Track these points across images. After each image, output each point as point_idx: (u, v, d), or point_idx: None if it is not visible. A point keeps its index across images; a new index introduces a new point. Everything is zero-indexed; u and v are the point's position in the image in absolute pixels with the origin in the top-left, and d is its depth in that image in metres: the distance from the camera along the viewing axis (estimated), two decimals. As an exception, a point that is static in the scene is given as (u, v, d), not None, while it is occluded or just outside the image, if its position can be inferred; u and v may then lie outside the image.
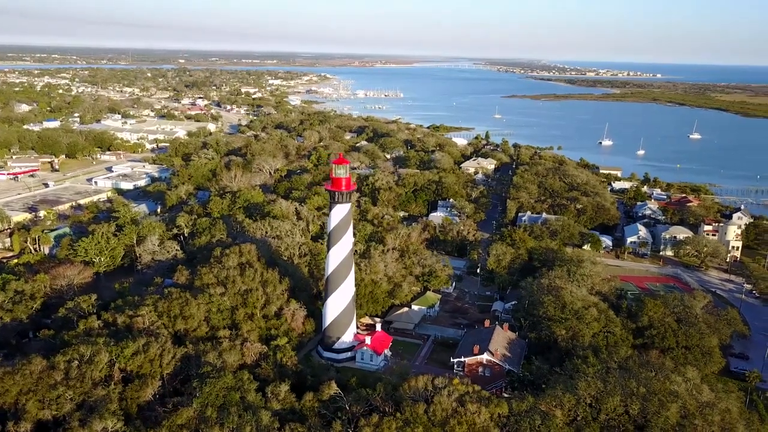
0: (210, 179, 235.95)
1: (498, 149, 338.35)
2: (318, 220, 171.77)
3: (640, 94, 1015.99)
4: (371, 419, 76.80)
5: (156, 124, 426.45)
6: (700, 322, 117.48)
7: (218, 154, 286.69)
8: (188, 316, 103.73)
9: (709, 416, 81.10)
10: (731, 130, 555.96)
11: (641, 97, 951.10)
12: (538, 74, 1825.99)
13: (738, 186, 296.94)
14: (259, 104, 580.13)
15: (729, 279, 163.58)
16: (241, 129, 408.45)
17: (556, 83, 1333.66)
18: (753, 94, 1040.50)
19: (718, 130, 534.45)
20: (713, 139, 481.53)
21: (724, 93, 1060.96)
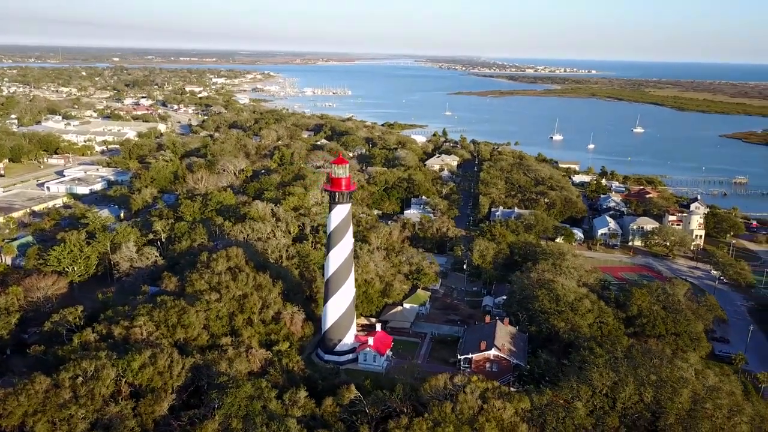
0: (172, 182, 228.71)
1: (457, 146, 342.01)
2: (295, 221, 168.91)
3: (580, 89, 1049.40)
4: (400, 421, 76.13)
5: (102, 126, 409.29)
6: (685, 308, 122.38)
7: (176, 156, 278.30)
8: (187, 325, 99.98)
9: (717, 399, 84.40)
10: (670, 123, 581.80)
11: (581, 92, 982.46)
12: (479, 71, 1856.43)
13: (686, 177, 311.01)
14: (207, 103, 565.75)
15: (696, 266, 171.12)
16: (194, 129, 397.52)
17: (498, 80, 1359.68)
18: (683, 89, 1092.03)
19: (658, 123, 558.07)
20: (655, 132, 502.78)
21: (657, 88, 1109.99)
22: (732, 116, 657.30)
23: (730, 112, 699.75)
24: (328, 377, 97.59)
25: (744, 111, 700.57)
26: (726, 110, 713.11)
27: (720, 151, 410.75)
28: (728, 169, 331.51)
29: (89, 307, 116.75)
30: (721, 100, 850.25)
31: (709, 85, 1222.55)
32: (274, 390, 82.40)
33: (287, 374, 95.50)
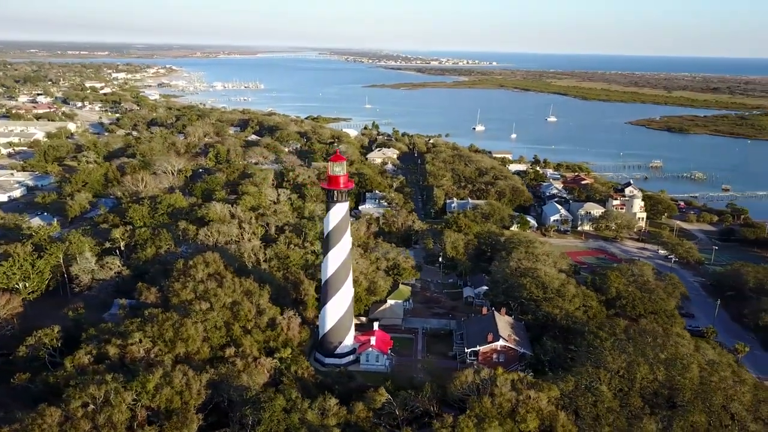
0: (105, 185, 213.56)
1: (392, 139, 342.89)
2: (256, 221, 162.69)
3: (487, 80, 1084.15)
4: (446, 420, 75.20)
5: (2, 126, 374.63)
6: (656, 288, 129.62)
7: (99, 157, 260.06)
8: (187, 338, 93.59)
9: (720, 372, 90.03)
10: (577, 112, 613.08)
11: (489, 83, 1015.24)
12: (386, 64, 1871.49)
13: (608, 162, 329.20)
14: (114, 100, 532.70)
15: (644, 247, 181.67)
16: (108, 128, 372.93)
17: (407, 72, 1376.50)
18: (581, 79, 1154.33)
19: (567, 112, 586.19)
20: (568, 121, 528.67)
21: (557, 78, 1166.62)
22: (629, 104, 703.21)
23: (627, 100, 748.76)
24: (342, 381, 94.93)
25: (639, 99, 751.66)
26: (623, 99, 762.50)
27: (629, 138, 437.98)
28: (642, 154, 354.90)
29: (49, 325, 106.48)
30: (617, 89, 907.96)
31: (602, 75, 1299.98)
32: (306, 400, 78.96)
33: (300, 382, 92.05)
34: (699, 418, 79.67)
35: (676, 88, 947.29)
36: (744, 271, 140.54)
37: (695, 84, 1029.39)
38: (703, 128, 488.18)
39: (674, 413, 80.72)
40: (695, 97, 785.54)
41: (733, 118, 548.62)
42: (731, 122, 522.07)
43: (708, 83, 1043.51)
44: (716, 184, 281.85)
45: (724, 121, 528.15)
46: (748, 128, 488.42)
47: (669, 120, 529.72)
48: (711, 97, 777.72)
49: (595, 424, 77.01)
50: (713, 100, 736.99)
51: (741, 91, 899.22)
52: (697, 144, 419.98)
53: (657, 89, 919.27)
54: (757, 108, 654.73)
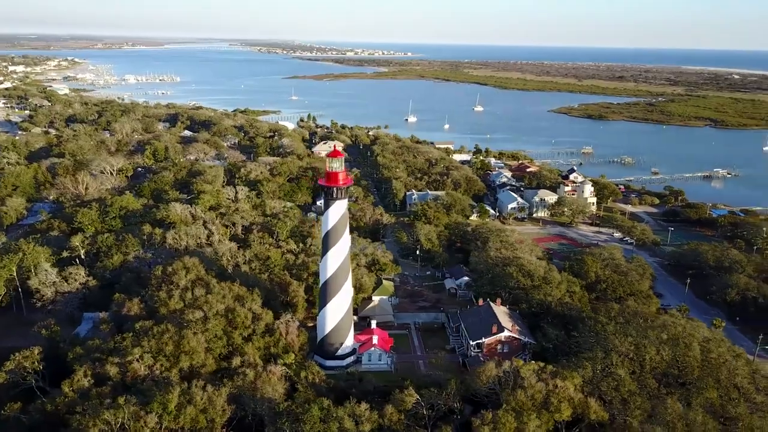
0: (37, 188, 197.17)
1: (331, 132, 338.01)
2: (217, 221, 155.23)
3: (407, 71, 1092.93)
4: (485, 417, 74.37)
5: None
6: (630, 270, 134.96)
7: (21, 157, 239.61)
8: (191, 351, 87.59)
9: (718, 348, 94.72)
10: (501, 101, 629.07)
11: (410, 74, 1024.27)
12: (301, 55, 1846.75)
13: (541, 150, 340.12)
14: (20, 95, 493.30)
15: (599, 231, 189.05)
16: (22, 125, 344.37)
17: (325, 63, 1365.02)
18: (495, 69, 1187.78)
19: (492, 102, 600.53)
20: (493, 110, 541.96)
21: (474, 68, 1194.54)
22: (546, 93, 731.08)
23: (544, 89, 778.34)
24: (355, 384, 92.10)
25: (555, 88, 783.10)
26: (540, 87, 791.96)
27: (554, 125, 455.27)
28: (572, 141, 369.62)
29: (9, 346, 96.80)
30: (532, 78, 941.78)
31: (515, 65, 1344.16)
32: (339, 408, 75.76)
33: (313, 388, 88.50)
34: (712, 394, 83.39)
35: (585, 76, 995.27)
36: (702, 250, 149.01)
37: (602, 73, 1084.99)
38: (619, 115, 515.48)
39: (690, 391, 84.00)
40: (604, 85, 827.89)
41: (643, 105, 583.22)
42: (642, 109, 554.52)
43: (613, 72, 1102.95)
44: (645, 167, 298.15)
45: (636, 108, 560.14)
46: (658, 114, 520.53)
47: (587, 107, 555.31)
48: (619, 85, 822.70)
49: (624, 409, 78.77)
50: (621, 88, 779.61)
51: (643, 79, 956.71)
52: (617, 130, 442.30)
53: (568, 78, 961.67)
54: (661, 95, 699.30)
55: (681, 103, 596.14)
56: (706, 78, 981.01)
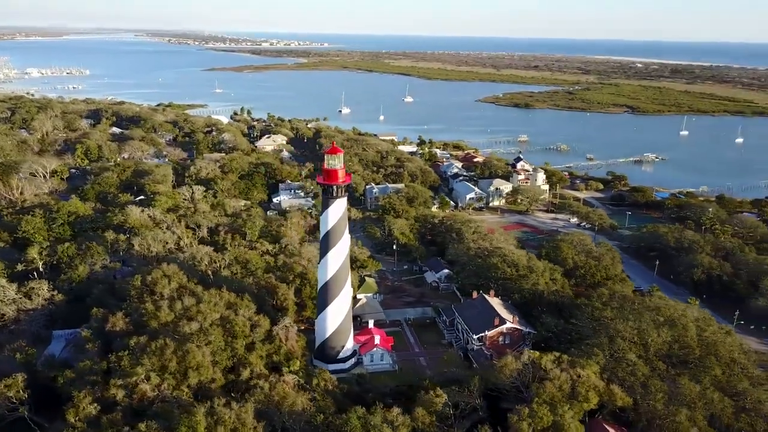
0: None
1: (270, 125, 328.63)
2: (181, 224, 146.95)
3: (328, 62, 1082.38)
4: (522, 412, 73.99)
5: None
6: (603, 255, 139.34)
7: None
8: (199, 366, 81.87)
9: (709, 326, 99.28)
10: (429, 91, 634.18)
11: (332, 64, 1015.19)
12: (215, 46, 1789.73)
13: (479, 139, 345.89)
14: None
15: (555, 218, 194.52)
16: None
17: (243, 54, 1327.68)
18: (414, 59, 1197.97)
19: (420, 92, 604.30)
20: (423, 100, 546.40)
21: (394, 59, 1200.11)
22: (470, 83, 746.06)
23: (466, 79, 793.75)
24: (368, 387, 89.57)
25: (477, 78, 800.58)
26: (462, 77, 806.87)
27: (484, 114, 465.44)
28: (507, 130, 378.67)
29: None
30: (453, 68, 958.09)
31: (433, 55, 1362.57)
32: (374, 414, 73.09)
33: (329, 395, 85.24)
34: (717, 371, 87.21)
35: (502, 66, 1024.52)
36: (662, 233, 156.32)
37: (518, 63, 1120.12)
38: (543, 103, 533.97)
39: (696, 371, 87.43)
40: (523, 74, 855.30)
41: (563, 93, 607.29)
42: (563, 97, 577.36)
43: (528, 62, 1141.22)
44: (580, 154, 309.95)
45: (557, 96, 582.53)
46: (579, 102, 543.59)
47: (512, 96, 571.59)
48: (536, 74, 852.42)
49: (646, 393, 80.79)
50: (539, 77, 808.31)
51: (556, 68, 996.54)
52: (544, 118, 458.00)
53: (487, 68, 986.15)
54: (576, 83, 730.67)
55: (596, 91, 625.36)
56: (613, 67, 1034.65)
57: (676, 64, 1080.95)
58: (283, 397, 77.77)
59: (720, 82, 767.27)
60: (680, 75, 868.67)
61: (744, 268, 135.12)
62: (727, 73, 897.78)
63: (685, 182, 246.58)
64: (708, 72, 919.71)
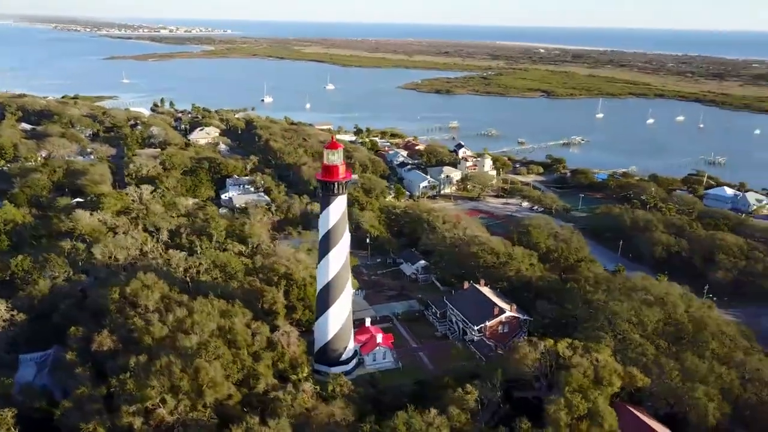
0: None
1: (198, 117, 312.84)
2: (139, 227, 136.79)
3: (237, 49, 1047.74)
4: (559, 402, 74.21)
5: None
6: (570, 237, 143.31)
7: None
8: (214, 383, 76.02)
9: (691, 302, 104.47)
10: (348, 79, 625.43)
11: (241, 52, 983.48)
12: (110, 33, 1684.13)
13: (410, 126, 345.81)
14: None
15: (507, 203, 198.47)
16: None
17: (141, 42, 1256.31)
18: (325, 46, 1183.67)
19: (339, 80, 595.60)
20: (344, 88, 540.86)
21: (304, 46, 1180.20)
22: (385, 69, 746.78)
23: (381, 65, 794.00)
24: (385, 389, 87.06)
25: (391, 64, 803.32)
26: (377, 64, 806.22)
27: (408, 101, 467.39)
28: (436, 116, 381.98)
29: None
30: (366, 55, 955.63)
31: (345, 42, 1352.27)
32: (415, 417, 70.83)
33: (348, 400, 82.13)
34: (714, 345, 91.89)
35: (413, 52, 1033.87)
36: (616, 213, 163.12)
37: (428, 49, 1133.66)
38: (462, 89, 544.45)
39: (695, 346, 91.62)
40: (436, 60, 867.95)
41: (479, 79, 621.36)
42: (480, 82, 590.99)
43: (438, 48, 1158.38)
44: (511, 138, 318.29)
45: (473, 82, 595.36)
46: (496, 87, 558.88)
47: (432, 83, 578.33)
48: (449, 60, 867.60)
49: (661, 372, 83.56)
50: (452, 63, 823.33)
51: (466, 54, 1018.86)
52: (467, 103, 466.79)
53: (399, 54, 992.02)
54: (488, 69, 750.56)
55: (509, 76, 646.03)
56: (520, 52, 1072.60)
57: (577, 50, 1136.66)
58: (313, 407, 74.12)
59: (618, 66, 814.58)
60: (581, 60, 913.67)
61: (697, 244, 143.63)
62: (623, 58, 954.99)
63: (614, 163, 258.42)
64: (605, 57, 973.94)
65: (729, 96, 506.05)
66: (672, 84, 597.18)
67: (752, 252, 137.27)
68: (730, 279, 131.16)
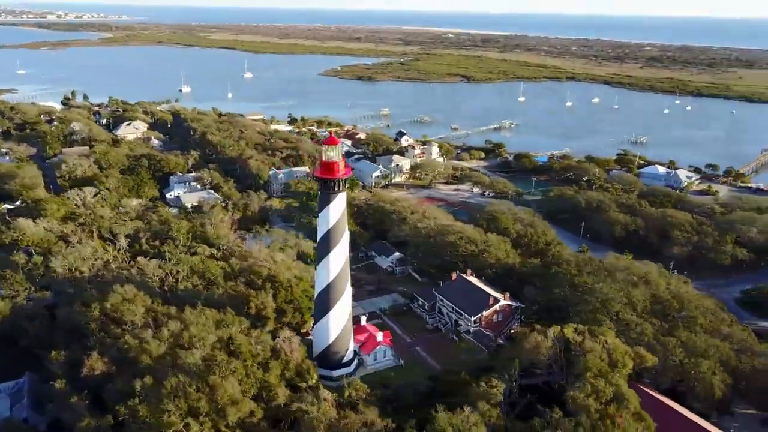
0: None
1: (118, 111, 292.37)
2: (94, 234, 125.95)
3: (138, 36, 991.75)
4: (584, 388, 75.10)
5: None
6: (533, 221, 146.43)
7: None
8: (235, 401, 71.02)
9: (671, 281, 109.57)
10: (266, 66, 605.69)
11: (144, 39, 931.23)
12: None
13: (342, 114, 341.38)
14: None
15: (458, 189, 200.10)
16: None
17: (25, 28, 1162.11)
18: (233, 33, 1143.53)
19: (256, 67, 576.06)
20: (264, 76, 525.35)
21: (210, 32, 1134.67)
22: (300, 56, 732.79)
23: (293, 51, 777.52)
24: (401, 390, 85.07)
25: (306, 50, 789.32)
26: (291, 50, 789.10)
27: (332, 88, 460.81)
28: (367, 104, 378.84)
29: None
30: (276, 41, 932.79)
31: (247, 27, 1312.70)
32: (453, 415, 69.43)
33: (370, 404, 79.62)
34: (701, 320, 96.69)
35: (325, 38, 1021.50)
36: (569, 195, 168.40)
37: (339, 35, 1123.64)
38: (384, 75, 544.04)
39: (687, 322, 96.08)
40: (349, 46, 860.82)
41: (397, 65, 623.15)
42: (399, 68, 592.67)
43: (349, 34, 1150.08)
44: (443, 124, 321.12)
45: (392, 68, 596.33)
46: (414, 72, 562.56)
47: (353, 69, 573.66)
48: (363, 47, 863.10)
49: (665, 351, 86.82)
50: (366, 49, 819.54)
51: (378, 39, 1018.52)
52: (391, 90, 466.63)
53: (311, 40, 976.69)
54: (404, 54, 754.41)
55: (426, 62, 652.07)
56: (430, 38, 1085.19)
57: (484, 34, 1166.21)
58: (343, 416, 71.05)
59: (526, 50, 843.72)
60: (490, 44, 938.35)
61: (651, 222, 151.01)
62: (528, 42, 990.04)
63: (547, 146, 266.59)
64: (513, 41, 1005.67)
65: (632, 77, 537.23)
66: (580, 67, 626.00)
67: (701, 227, 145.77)
68: (685, 254, 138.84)
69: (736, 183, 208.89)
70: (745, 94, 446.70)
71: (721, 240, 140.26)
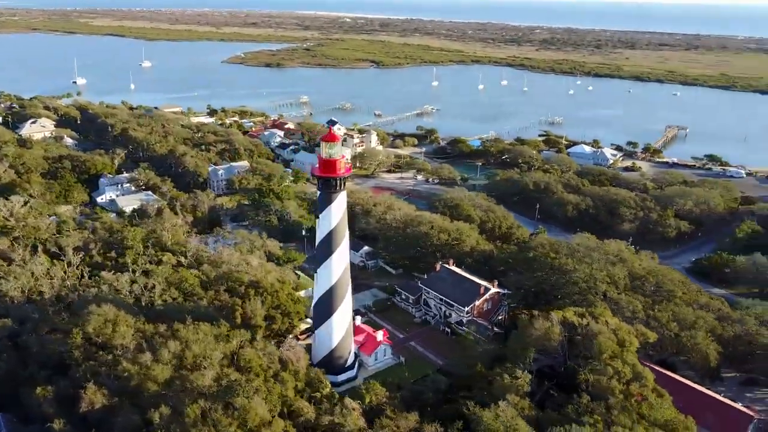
0: None
1: (15, 106, 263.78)
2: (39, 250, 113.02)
3: (7, 23, 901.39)
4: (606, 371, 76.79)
5: None
6: (490, 206, 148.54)
7: None
8: (267, 422, 66.21)
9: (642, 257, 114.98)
10: (163, 54, 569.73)
11: (14, 27, 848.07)
12: None
13: (261, 103, 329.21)
14: None
15: (401, 177, 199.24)
16: None
17: None
18: (117, 18, 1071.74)
19: (152, 56, 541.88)
20: (163, 65, 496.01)
21: (91, 18, 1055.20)
22: (196, 42, 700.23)
23: (190, 38, 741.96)
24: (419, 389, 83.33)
25: (201, 37, 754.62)
26: (186, 37, 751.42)
27: (241, 76, 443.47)
28: (283, 92, 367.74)
29: None
30: (167, 28, 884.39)
31: (136, 13, 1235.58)
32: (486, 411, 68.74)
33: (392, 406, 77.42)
34: (679, 292, 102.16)
35: (220, 24, 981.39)
36: (516, 178, 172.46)
37: (233, 20, 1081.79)
38: (291, 61, 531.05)
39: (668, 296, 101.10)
40: (247, 32, 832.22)
41: (302, 51, 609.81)
42: (305, 54, 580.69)
43: (243, 20, 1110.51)
44: (367, 111, 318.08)
45: (298, 54, 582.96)
46: (323, 58, 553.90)
47: (258, 56, 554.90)
48: (262, 32, 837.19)
49: (659, 326, 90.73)
50: (266, 35, 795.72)
51: (274, 24, 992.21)
52: (303, 76, 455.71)
53: (204, 26, 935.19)
54: (305, 40, 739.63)
55: (330, 47, 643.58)
56: (327, 22, 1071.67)
57: (381, 18, 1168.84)
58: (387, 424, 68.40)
59: (425, 34, 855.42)
60: (389, 28, 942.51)
61: (598, 200, 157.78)
62: (425, 26, 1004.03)
63: (471, 129, 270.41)
64: (411, 25, 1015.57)
65: (532, 60, 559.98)
66: (480, 50, 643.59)
67: (644, 203, 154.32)
68: (634, 229, 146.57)
69: (654, 159, 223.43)
70: (635, 74, 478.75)
71: (664, 214, 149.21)
